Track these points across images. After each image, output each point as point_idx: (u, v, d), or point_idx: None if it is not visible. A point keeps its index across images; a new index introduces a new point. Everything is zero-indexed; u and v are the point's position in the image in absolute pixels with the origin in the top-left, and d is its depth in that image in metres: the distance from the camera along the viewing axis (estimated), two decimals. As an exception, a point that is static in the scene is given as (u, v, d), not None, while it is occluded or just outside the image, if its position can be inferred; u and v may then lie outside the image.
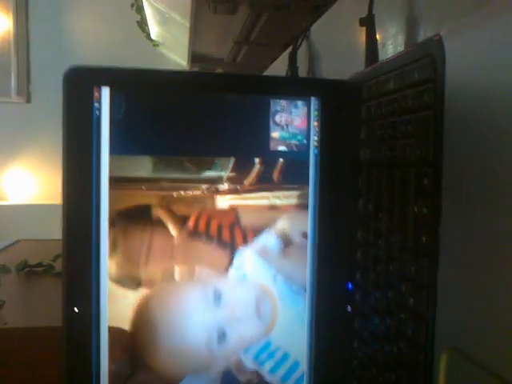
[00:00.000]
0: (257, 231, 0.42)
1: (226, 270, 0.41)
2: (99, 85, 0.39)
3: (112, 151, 0.40)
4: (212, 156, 0.42)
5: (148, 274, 0.40)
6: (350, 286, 0.41)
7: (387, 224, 0.36)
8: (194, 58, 2.10)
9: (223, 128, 0.43)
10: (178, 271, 0.41)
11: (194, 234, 0.41)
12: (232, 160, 0.42)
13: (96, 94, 0.39)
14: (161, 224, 0.40)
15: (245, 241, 0.42)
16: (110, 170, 0.39)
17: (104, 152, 0.39)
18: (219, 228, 0.42)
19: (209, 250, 0.41)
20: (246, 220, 0.42)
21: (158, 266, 0.40)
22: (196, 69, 2.09)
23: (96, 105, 0.39)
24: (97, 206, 0.39)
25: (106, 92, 0.39)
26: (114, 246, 0.39)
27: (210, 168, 0.42)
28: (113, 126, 0.40)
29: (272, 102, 0.43)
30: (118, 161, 0.40)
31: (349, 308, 0.42)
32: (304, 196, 0.43)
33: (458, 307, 0.29)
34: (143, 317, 0.40)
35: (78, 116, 0.39)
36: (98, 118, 0.39)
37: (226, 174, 0.42)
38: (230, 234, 0.42)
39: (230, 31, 1.65)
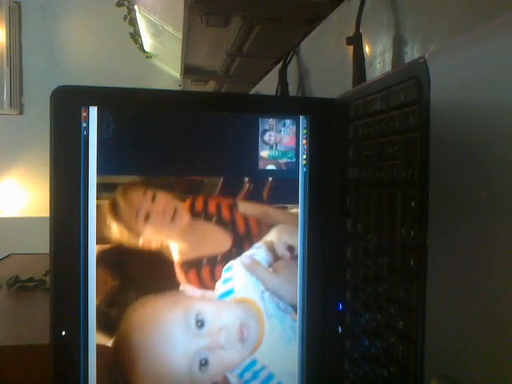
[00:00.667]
0: (246, 248, 0.42)
1: (214, 284, 0.41)
2: (87, 105, 0.39)
3: (100, 171, 0.40)
4: (201, 176, 0.42)
5: (135, 291, 0.40)
6: (340, 306, 0.41)
7: (375, 245, 0.36)
8: (187, 69, 2.10)
9: (212, 147, 0.43)
10: (165, 287, 0.40)
11: (183, 250, 0.41)
12: (221, 179, 0.42)
13: (84, 114, 0.39)
14: (146, 251, 0.40)
15: (234, 257, 0.42)
16: (98, 190, 0.39)
17: (91, 172, 0.39)
18: (209, 245, 0.42)
19: (197, 265, 0.41)
20: (236, 237, 0.42)
21: (145, 283, 0.40)
22: (189, 80, 2.09)
23: (84, 125, 0.39)
24: (84, 226, 0.39)
25: (93, 112, 0.39)
26: (101, 265, 0.39)
27: (198, 187, 0.42)
28: (101, 145, 0.40)
29: (261, 120, 0.43)
30: (105, 180, 0.40)
31: (339, 329, 0.41)
32: (294, 214, 0.43)
33: (447, 331, 0.29)
34: (128, 340, 0.39)
35: (65, 136, 0.39)
36: (86, 138, 0.39)
37: (214, 193, 0.42)
38: (219, 250, 0.42)
39: (223, 43, 1.66)
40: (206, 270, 0.41)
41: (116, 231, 0.40)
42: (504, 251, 0.25)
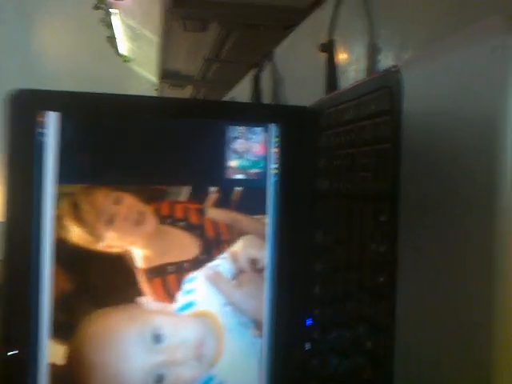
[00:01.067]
0: (212, 257, 0.40)
1: (176, 296, 0.39)
2: (45, 109, 0.37)
3: (59, 180, 0.37)
4: (167, 185, 0.41)
5: (93, 303, 0.38)
6: (308, 322, 0.40)
7: (345, 260, 0.35)
8: (165, 74, 2.08)
9: (179, 155, 0.41)
10: (125, 297, 0.38)
11: (147, 257, 0.39)
12: (187, 189, 0.41)
13: (41, 119, 0.37)
14: (107, 257, 0.38)
15: (198, 267, 0.40)
16: (56, 198, 0.37)
17: (48, 180, 0.37)
18: (174, 253, 0.40)
19: (160, 274, 0.39)
20: (202, 246, 0.40)
21: (105, 293, 0.38)
22: (166, 85, 2.07)
23: (41, 130, 0.37)
24: (40, 237, 0.37)
25: (52, 117, 0.37)
26: (58, 275, 0.37)
27: (165, 195, 0.41)
28: (60, 153, 0.37)
29: (230, 128, 0.41)
30: (64, 189, 0.37)
31: (307, 346, 0.40)
32: (262, 225, 0.41)
33: (417, 352, 0.28)
34: (83, 355, 0.37)
35: (19, 141, 0.36)
36: (43, 144, 0.37)
37: (182, 201, 0.41)
38: (184, 259, 0.40)
39: (201, 48, 1.64)
40: (168, 279, 0.39)
41: (76, 237, 0.38)
42: (478, 268, 0.24)
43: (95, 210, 0.38)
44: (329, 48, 0.44)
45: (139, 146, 0.40)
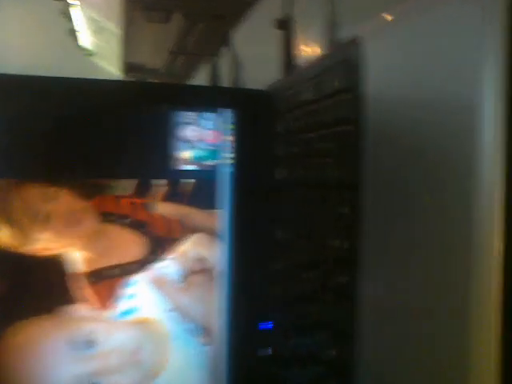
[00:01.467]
0: (157, 259, 0.37)
1: (115, 301, 0.36)
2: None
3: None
4: (109, 178, 0.37)
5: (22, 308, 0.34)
6: (267, 326, 0.36)
7: (305, 257, 0.31)
8: (129, 68, 2.03)
9: (123, 145, 0.37)
10: (56, 303, 0.35)
11: (85, 259, 0.36)
12: (133, 182, 0.37)
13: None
14: (40, 261, 0.34)
15: (142, 269, 0.37)
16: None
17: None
18: (116, 254, 0.37)
19: (98, 278, 0.36)
20: (146, 246, 0.37)
21: (35, 298, 0.34)
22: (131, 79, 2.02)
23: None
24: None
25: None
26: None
27: (107, 189, 0.37)
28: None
29: (180, 114, 0.38)
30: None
31: (268, 351, 0.36)
32: (216, 221, 0.38)
33: (383, 361, 0.25)
34: (7, 369, 0.34)
35: None
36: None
37: (127, 196, 0.37)
38: (126, 261, 0.37)
39: (165, 41, 1.60)
40: (109, 284, 0.36)
41: (4, 238, 0.34)
42: (451, 265, 0.21)
43: (26, 208, 0.35)
44: (285, 24, 0.40)
45: (77, 134, 0.36)
